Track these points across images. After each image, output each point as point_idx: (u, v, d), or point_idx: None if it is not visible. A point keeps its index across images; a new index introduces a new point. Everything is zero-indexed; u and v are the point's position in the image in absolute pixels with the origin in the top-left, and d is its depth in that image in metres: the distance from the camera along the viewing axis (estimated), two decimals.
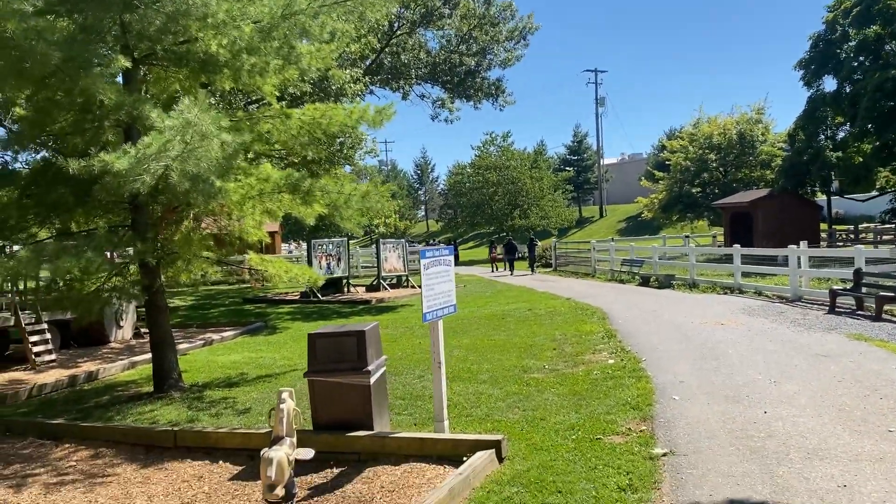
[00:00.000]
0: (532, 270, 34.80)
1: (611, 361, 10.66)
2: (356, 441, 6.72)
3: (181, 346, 15.05)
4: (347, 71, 16.90)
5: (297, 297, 25.21)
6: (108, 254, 10.33)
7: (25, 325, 13.26)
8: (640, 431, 6.75)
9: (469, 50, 23.51)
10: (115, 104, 8.50)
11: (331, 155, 26.94)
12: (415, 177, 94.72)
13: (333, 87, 16.41)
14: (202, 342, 15.63)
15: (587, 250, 32.25)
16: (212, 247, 9.64)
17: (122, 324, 16.16)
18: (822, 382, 8.30)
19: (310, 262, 24.98)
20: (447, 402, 8.72)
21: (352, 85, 17.62)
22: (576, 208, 69.98)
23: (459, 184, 53.48)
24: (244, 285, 33.41)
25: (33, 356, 13.12)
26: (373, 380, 6.97)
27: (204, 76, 10.95)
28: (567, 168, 65.14)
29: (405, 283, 28.45)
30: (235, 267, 10.42)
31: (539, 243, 38.32)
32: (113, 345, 15.69)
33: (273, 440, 5.43)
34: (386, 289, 26.86)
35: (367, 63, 22.81)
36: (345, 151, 26.84)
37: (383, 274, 27.43)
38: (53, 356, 13.54)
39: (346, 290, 26.79)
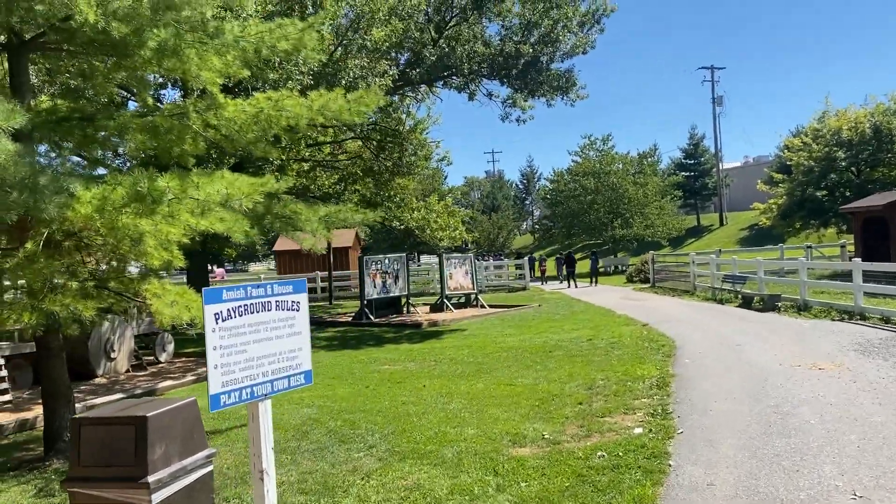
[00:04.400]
0: (593, 283, 35.03)
1: (637, 431, 7.58)
2: None
3: (166, 384, 13.13)
4: (358, 61, 14.50)
5: (349, 319, 23.07)
6: None
7: None
8: None
9: (529, 37, 20.55)
10: None
11: (394, 165, 24.83)
12: (521, 187, 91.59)
13: (343, 81, 14.03)
14: (194, 378, 13.61)
15: (687, 264, 28.30)
16: (83, 272, 7.39)
17: (113, 355, 14.41)
18: None
19: (361, 281, 22.75)
20: None
21: (376, 79, 15.16)
22: (692, 216, 64.78)
23: (555, 192, 49.99)
24: (320, 302, 31.84)
25: None
26: (160, 496, 4.38)
27: (113, 61, 8.86)
28: (680, 172, 60.03)
29: (474, 302, 25.73)
30: (129, 298, 8.16)
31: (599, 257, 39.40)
32: (99, 380, 13.93)
33: None
34: (450, 309, 24.23)
35: (412, 58, 20.40)
36: (405, 158, 24.60)
37: (447, 292, 24.83)
38: (8, 396, 11.85)
39: (406, 309, 24.35)
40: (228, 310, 4.14)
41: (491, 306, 25.25)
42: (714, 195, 66.66)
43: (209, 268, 78.17)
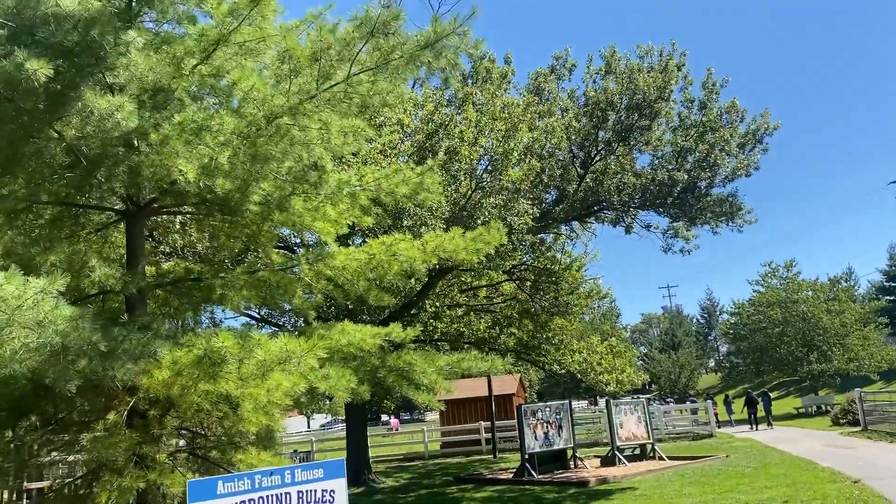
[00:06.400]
0: (769, 426, 32.99)
1: None
2: None
3: None
4: (493, 199, 13.93)
5: (509, 476, 21.37)
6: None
7: None
8: None
9: (683, 163, 19.30)
10: None
11: (552, 305, 23.83)
12: (702, 321, 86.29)
13: (479, 221, 13.46)
14: None
15: None
16: (170, 443, 6.84)
17: None
18: None
19: (521, 433, 21.19)
20: None
21: (515, 218, 14.51)
22: None
23: (738, 325, 46.05)
24: (484, 456, 30.35)
25: None
26: None
27: (228, 218, 8.78)
28: (883, 297, 53.70)
29: (650, 454, 23.15)
30: (225, 469, 7.42)
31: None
32: None
33: None
34: (623, 462, 21.86)
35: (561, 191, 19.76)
36: (560, 298, 23.56)
37: (619, 443, 22.56)
38: None
39: (572, 463, 22.25)
40: None
41: (670, 458, 22.57)
42: None
43: (386, 418, 78.44)
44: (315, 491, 3.60)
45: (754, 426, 32.62)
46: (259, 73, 6.93)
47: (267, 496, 3.41)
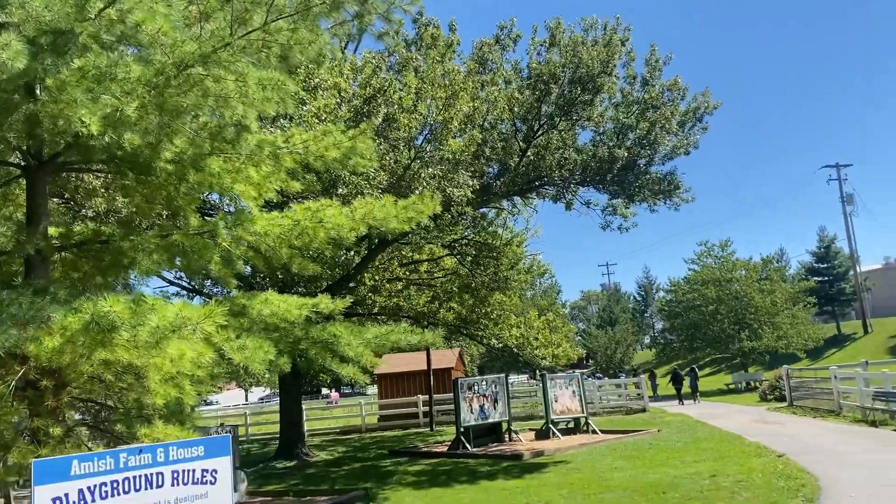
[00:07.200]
0: (694, 401, 34.06)
1: None
2: None
3: None
4: (432, 169, 13.55)
5: (444, 449, 21.26)
6: None
7: None
8: None
9: (624, 141, 19.23)
10: None
11: (492, 281, 23.65)
12: (639, 299, 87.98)
13: (418, 191, 13.06)
14: None
15: (828, 379, 24.84)
16: (70, 416, 6.34)
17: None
18: None
19: (457, 407, 21.07)
20: None
21: (454, 190, 14.17)
22: (831, 325, 59.30)
23: (674, 303, 46.98)
24: (422, 429, 30.27)
25: None
26: None
27: (142, 179, 8.18)
28: (812, 277, 55.49)
29: (584, 427, 23.33)
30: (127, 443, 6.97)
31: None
32: None
33: None
34: (556, 435, 21.99)
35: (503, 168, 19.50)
36: (500, 273, 23.43)
37: (553, 417, 22.66)
38: None
39: (507, 436, 22.28)
40: (82, 491, 2.78)
41: (604, 431, 22.81)
42: (853, 300, 61.13)
43: (326, 391, 77.52)
44: (193, 471, 3.22)
45: (681, 401, 33.40)
46: (169, 16, 6.36)
47: (134, 477, 3.01)
